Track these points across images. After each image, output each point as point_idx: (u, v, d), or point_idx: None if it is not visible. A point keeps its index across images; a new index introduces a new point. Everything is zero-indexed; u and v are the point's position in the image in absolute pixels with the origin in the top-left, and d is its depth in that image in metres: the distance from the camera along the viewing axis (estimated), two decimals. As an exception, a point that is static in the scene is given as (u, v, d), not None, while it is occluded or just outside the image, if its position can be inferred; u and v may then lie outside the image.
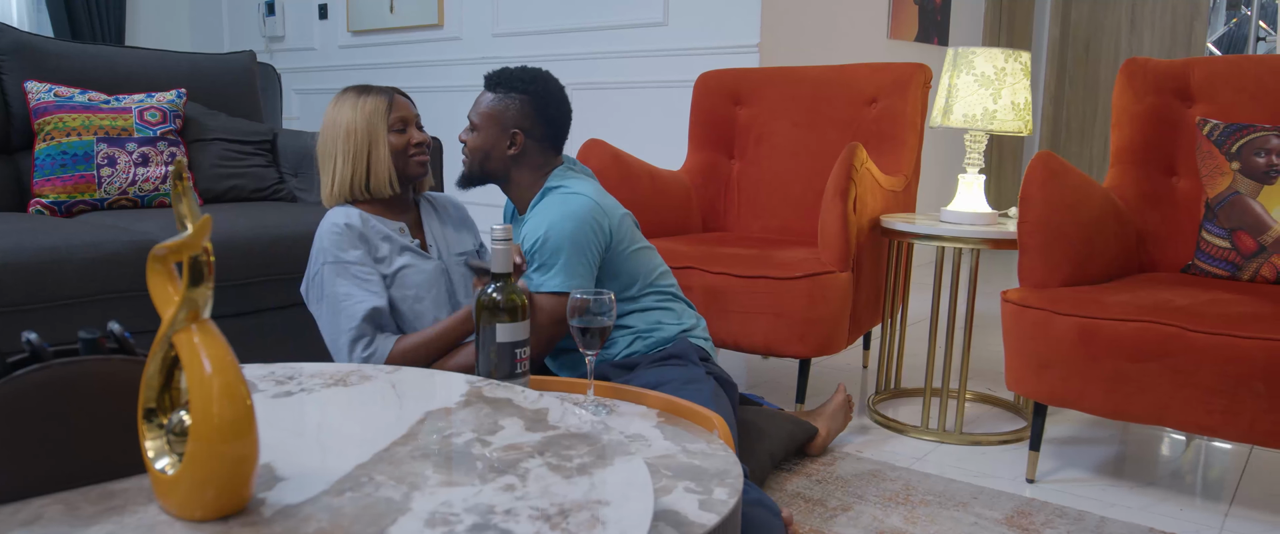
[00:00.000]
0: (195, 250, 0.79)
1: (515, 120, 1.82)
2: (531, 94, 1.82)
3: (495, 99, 1.83)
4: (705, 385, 1.62)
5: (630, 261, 1.83)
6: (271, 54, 5.05)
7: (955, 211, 2.21)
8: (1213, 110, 2.16)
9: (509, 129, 1.82)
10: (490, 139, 1.83)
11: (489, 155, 1.84)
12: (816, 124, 2.72)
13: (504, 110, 1.82)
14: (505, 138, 1.82)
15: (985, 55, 2.14)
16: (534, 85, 1.83)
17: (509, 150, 1.82)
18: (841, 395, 2.13)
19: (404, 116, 1.83)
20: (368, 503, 0.84)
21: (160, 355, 0.84)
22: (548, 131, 1.84)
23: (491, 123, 1.82)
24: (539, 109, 1.83)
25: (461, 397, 1.16)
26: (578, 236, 1.72)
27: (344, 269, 1.72)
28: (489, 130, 1.83)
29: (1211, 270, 2.03)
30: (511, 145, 1.82)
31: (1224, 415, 1.64)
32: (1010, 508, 1.78)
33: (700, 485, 1.12)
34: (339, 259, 1.73)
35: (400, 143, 1.82)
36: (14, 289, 1.82)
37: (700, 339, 1.85)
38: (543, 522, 0.81)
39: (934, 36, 4.42)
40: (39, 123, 2.33)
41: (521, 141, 1.82)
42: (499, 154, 1.83)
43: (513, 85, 1.83)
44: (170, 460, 0.83)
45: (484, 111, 1.83)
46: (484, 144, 1.83)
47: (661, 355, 1.76)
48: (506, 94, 1.82)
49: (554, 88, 1.86)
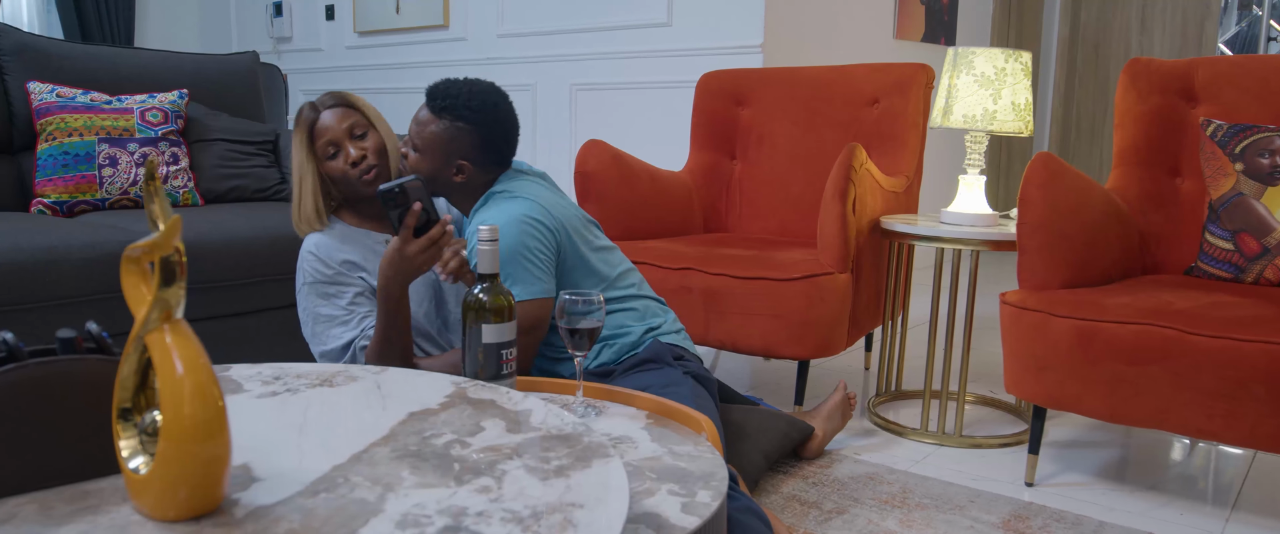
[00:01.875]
0: (167, 250, 0.79)
1: (460, 151, 1.70)
2: (478, 125, 1.70)
3: (440, 126, 1.69)
4: (683, 387, 1.58)
5: (588, 263, 1.75)
6: (279, 55, 5.07)
7: (955, 213, 2.20)
8: (1217, 111, 2.14)
9: (453, 159, 1.71)
10: (434, 166, 1.71)
11: (433, 180, 1.73)
12: (818, 125, 2.71)
13: (449, 139, 1.69)
14: (449, 167, 1.72)
15: (985, 55, 2.12)
16: (481, 114, 1.70)
17: (454, 177, 1.73)
18: (840, 394, 2.10)
19: (330, 139, 1.72)
20: (341, 504, 0.83)
21: (135, 355, 0.84)
22: (493, 159, 1.75)
23: (435, 150, 1.70)
24: (486, 140, 1.71)
25: (445, 398, 1.15)
26: (522, 240, 1.63)
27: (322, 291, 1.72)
28: (432, 157, 1.71)
29: (1215, 272, 2.01)
30: (457, 174, 1.72)
31: (1225, 420, 1.62)
32: (1007, 512, 1.77)
33: (684, 488, 1.11)
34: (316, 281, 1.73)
35: (338, 168, 1.72)
36: (12, 288, 1.83)
37: (671, 336, 1.78)
38: (515, 524, 0.80)
39: (941, 36, 4.40)
40: (41, 123, 2.34)
41: (468, 170, 1.72)
42: (444, 179, 1.73)
43: (459, 113, 1.69)
44: (144, 460, 0.83)
45: (428, 137, 1.70)
46: (426, 170, 1.72)
47: (635, 362, 1.70)
48: (453, 121, 1.69)
49: (503, 114, 1.74)
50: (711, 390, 1.71)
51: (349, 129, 1.74)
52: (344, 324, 1.71)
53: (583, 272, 1.76)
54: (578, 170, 2.45)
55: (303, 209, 1.76)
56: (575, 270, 1.74)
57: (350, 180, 1.73)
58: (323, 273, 1.73)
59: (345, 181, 1.73)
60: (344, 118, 1.74)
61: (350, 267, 1.75)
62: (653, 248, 2.34)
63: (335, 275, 1.73)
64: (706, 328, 2.22)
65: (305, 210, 1.75)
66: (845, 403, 2.10)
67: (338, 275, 1.73)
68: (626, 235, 2.49)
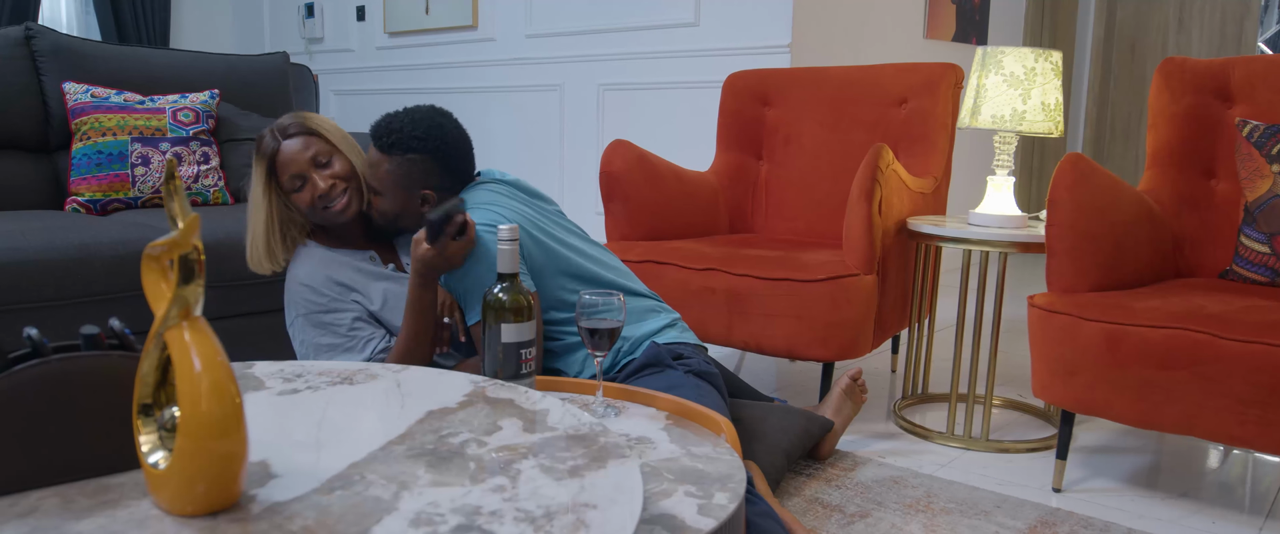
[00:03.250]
0: (185, 248, 0.80)
1: (421, 180, 1.71)
2: (431, 152, 1.70)
3: (394, 164, 1.69)
4: (686, 389, 1.57)
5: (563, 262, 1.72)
6: (311, 55, 5.12)
7: (983, 214, 2.17)
8: (1253, 111, 2.10)
9: (416, 190, 1.71)
10: (399, 203, 1.72)
11: (402, 214, 1.74)
12: (845, 125, 2.69)
13: (407, 174, 1.70)
14: (414, 199, 1.72)
15: (1015, 55, 2.10)
16: (429, 141, 1.69)
17: (422, 208, 1.72)
18: (845, 379, 2.05)
19: (295, 173, 1.69)
20: (356, 502, 0.84)
21: (155, 352, 0.85)
22: (454, 179, 1.74)
23: (395, 188, 1.70)
24: (442, 163, 1.72)
25: (464, 397, 1.16)
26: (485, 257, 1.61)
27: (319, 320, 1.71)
28: (394, 195, 1.71)
29: (1250, 276, 1.97)
30: (424, 204, 1.72)
31: (1257, 426, 1.58)
32: (1034, 518, 1.74)
33: (701, 489, 1.10)
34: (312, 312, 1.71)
35: (305, 199, 1.70)
36: (46, 285, 1.86)
37: (667, 333, 1.76)
38: (527, 523, 0.80)
39: (972, 36, 4.35)
40: (76, 123, 2.38)
41: (433, 199, 1.72)
42: (412, 212, 1.73)
43: (408, 145, 1.68)
44: (163, 456, 0.84)
45: (384, 177, 1.70)
46: (393, 208, 1.73)
47: (635, 367, 1.69)
48: (404, 154, 1.68)
49: (450, 134, 1.72)
50: (717, 384, 1.69)
51: (313, 158, 1.70)
52: (349, 351, 1.70)
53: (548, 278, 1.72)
54: (603, 171, 2.45)
55: (255, 247, 1.70)
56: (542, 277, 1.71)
57: (319, 212, 1.71)
58: (316, 303, 1.70)
59: (314, 211, 1.71)
60: (306, 146, 1.70)
61: (343, 290, 1.73)
62: (677, 248, 2.34)
63: (330, 302, 1.71)
64: (730, 329, 2.21)
65: (257, 249, 1.70)
66: (853, 388, 2.06)
67: (332, 302, 1.71)
68: (652, 236, 2.49)
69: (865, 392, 2.12)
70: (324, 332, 1.71)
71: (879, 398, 2.52)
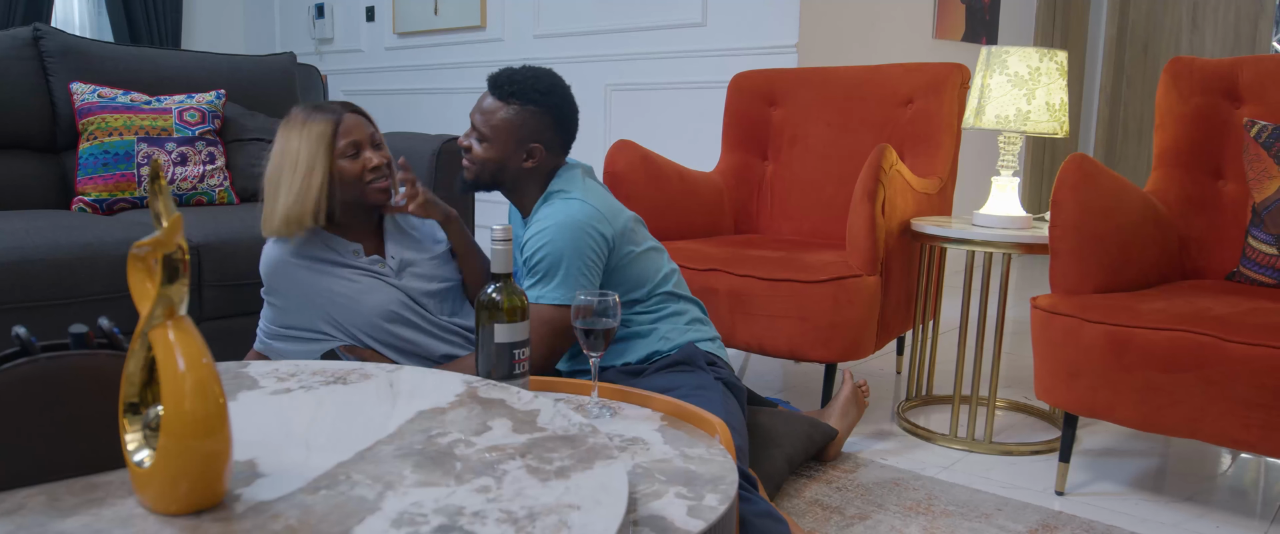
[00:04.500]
0: (169, 248, 0.80)
1: (534, 134, 1.71)
2: (550, 107, 1.72)
3: (512, 111, 1.70)
4: (714, 392, 1.59)
5: (635, 266, 1.77)
6: (321, 56, 5.14)
7: (987, 215, 2.16)
8: (1262, 111, 2.08)
9: (526, 143, 1.71)
10: (504, 152, 1.72)
11: (502, 168, 1.73)
12: (850, 125, 2.68)
13: (521, 124, 1.70)
14: (521, 152, 1.72)
15: (1019, 54, 2.08)
16: (552, 96, 1.72)
17: (525, 163, 1.73)
18: (848, 385, 2.06)
19: (356, 140, 1.71)
20: (340, 501, 0.84)
21: (141, 351, 0.85)
22: (564, 141, 1.77)
23: (507, 136, 1.71)
24: (559, 122, 1.74)
25: (456, 397, 1.16)
26: (578, 245, 1.65)
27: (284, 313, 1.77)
28: (503, 143, 1.71)
29: (1257, 278, 1.95)
30: (528, 158, 1.73)
31: (1262, 430, 1.57)
32: (1035, 521, 1.73)
33: (692, 491, 1.10)
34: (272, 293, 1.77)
35: (354, 169, 1.71)
36: (51, 284, 1.87)
37: (706, 344, 1.80)
38: (509, 524, 0.80)
39: (982, 36, 4.33)
40: (83, 123, 2.40)
41: (539, 154, 1.73)
42: (514, 167, 1.73)
43: (529, 97, 1.70)
44: (148, 454, 0.84)
45: (498, 124, 1.70)
46: (497, 157, 1.72)
47: (668, 362, 1.72)
48: (523, 106, 1.70)
49: (569, 96, 1.77)
50: (741, 399, 1.71)
51: (370, 136, 1.75)
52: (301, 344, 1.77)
53: (630, 275, 1.77)
54: (607, 170, 2.45)
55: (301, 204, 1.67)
56: (625, 275, 1.76)
57: (361, 185, 1.73)
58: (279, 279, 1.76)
59: (355, 184, 1.72)
60: (367, 126, 1.76)
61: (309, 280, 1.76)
62: (680, 248, 2.33)
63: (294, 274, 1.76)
64: (732, 330, 2.20)
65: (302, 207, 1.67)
66: (856, 393, 2.06)
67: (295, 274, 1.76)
68: (656, 236, 2.48)
69: (868, 396, 2.11)
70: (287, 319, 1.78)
71: (883, 399, 2.50)
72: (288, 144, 1.70)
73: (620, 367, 1.75)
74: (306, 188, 1.67)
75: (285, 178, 1.69)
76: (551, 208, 1.71)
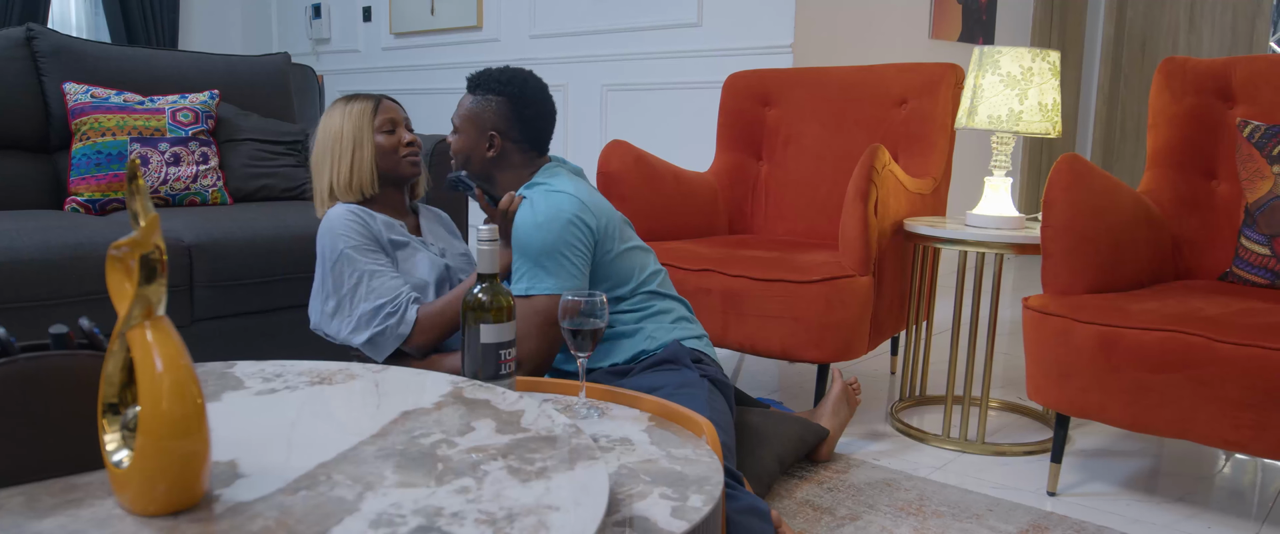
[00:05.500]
0: (147, 248, 0.80)
1: (492, 122, 1.80)
2: (508, 96, 1.80)
3: (474, 101, 1.82)
4: (699, 389, 1.59)
5: (619, 263, 1.79)
6: (318, 56, 5.14)
7: (980, 215, 2.15)
8: (1255, 112, 2.07)
9: (486, 131, 1.81)
10: (470, 142, 1.82)
11: (469, 158, 1.83)
12: (845, 126, 2.68)
13: (481, 112, 1.81)
14: (483, 140, 1.81)
15: (1011, 55, 2.08)
16: (510, 87, 1.80)
17: (488, 152, 1.81)
18: (838, 384, 2.06)
19: (392, 118, 1.90)
20: (319, 502, 0.84)
21: (121, 352, 0.85)
22: (525, 132, 1.82)
23: (470, 125, 1.82)
24: (516, 111, 1.80)
25: (441, 397, 1.16)
26: (563, 235, 1.69)
27: (365, 251, 1.80)
28: (468, 133, 1.82)
29: (1250, 278, 1.95)
30: (490, 148, 1.81)
31: (1252, 430, 1.56)
32: (1026, 522, 1.73)
33: (677, 491, 1.10)
34: (359, 245, 1.80)
35: (390, 143, 1.89)
36: (40, 285, 1.87)
37: (692, 341, 1.80)
38: (487, 525, 0.80)
39: (979, 36, 4.32)
40: (76, 123, 2.40)
41: (499, 144, 1.80)
42: (479, 156, 1.82)
43: (490, 87, 1.81)
44: (126, 455, 0.84)
45: (463, 113, 1.83)
46: (464, 147, 1.83)
47: (652, 361, 1.72)
48: (484, 96, 1.81)
49: (532, 89, 1.83)
50: (728, 397, 1.71)
51: (405, 120, 1.96)
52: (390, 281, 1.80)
53: (615, 272, 1.79)
54: (601, 171, 2.45)
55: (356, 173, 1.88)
56: (609, 271, 1.79)
57: (396, 157, 1.91)
58: (363, 235, 1.82)
59: (391, 155, 1.90)
60: (402, 111, 1.97)
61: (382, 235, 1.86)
62: (674, 249, 2.33)
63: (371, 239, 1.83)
64: (725, 330, 2.20)
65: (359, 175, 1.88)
66: (847, 392, 2.06)
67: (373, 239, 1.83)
68: (650, 236, 2.48)
69: (859, 394, 2.11)
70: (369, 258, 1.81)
71: (877, 399, 2.50)
72: (330, 124, 1.89)
73: (608, 367, 1.74)
74: (359, 160, 1.88)
75: (330, 154, 1.89)
76: (536, 199, 1.75)
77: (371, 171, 1.89)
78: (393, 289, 1.79)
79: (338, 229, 1.81)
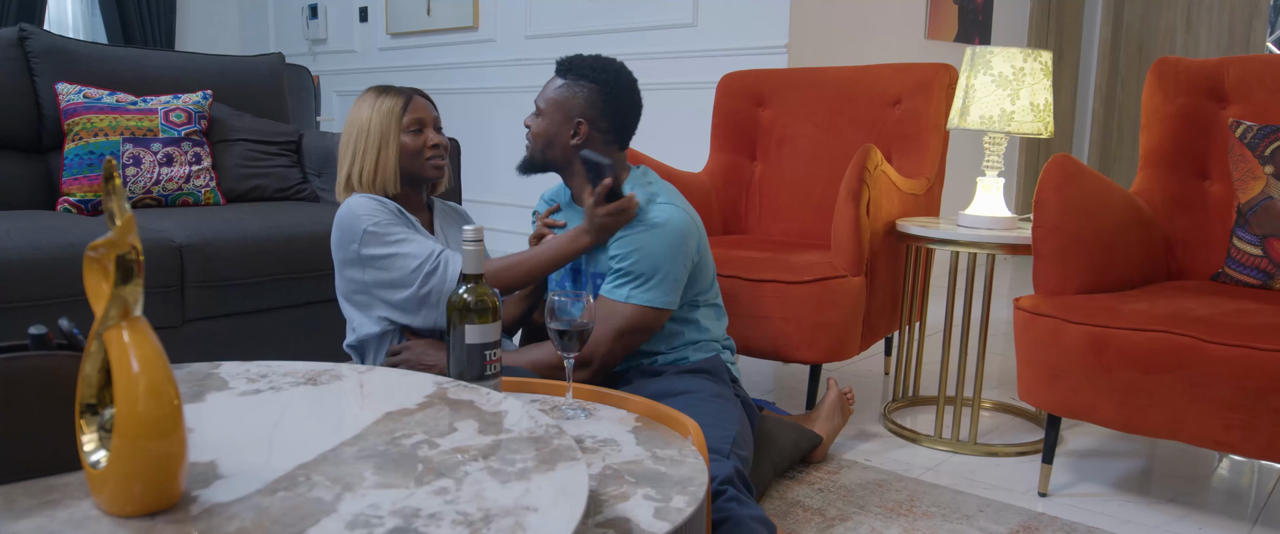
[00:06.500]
0: (123, 248, 0.80)
1: (581, 109, 1.76)
2: (601, 83, 1.77)
3: (564, 85, 1.78)
4: (733, 404, 1.63)
5: (696, 274, 1.80)
6: (314, 56, 5.14)
7: (973, 215, 2.15)
8: (1247, 112, 2.07)
9: (573, 118, 1.77)
10: (554, 126, 1.77)
11: (551, 143, 1.78)
12: (839, 126, 2.67)
13: (571, 98, 1.77)
14: (569, 126, 1.77)
15: (1003, 55, 2.08)
16: (605, 75, 1.77)
17: (572, 139, 1.77)
18: (833, 391, 2.06)
19: (420, 118, 1.84)
20: (296, 503, 0.83)
21: (98, 353, 0.85)
22: (613, 124, 1.79)
23: (557, 109, 1.77)
24: (607, 100, 1.77)
25: (425, 398, 1.15)
26: (677, 254, 1.70)
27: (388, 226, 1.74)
28: (554, 116, 1.77)
29: (1242, 279, 1.95)
30: (575, 134, 1.77)
31: (1242, 431, 1.56)
32: (1016, 522, 1.73)
33: (660, 493, 1.09)
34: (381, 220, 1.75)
35: (416, 144, 1.83)
36: (31, 285, 1.87)
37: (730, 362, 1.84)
38: (464, 526, 0.79)
39: (975, 37, 4.32)
40: (68, 123, 2.39)
41: (585, 131, 1.77)
42: (562, 142, 1.78)
43: (583, 73, 1.77)
44: (104, 456, 0.84)
45: (551, 97, 1.78)
46: (547, 130, 1.78)
47: (692, 368, 1.75)
48: (576, 81, 1.77)
49: (625, 80, 1.80)
50: (753, 420, 1.75)
51: (435, 119, 1.88)
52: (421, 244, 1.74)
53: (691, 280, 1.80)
54: (593, 171, 2.45)
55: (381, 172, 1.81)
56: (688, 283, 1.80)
57: (420, 159, 1.84)
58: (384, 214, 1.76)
59: (415, 157, 1.83)
60: (432, 109, 1.89)
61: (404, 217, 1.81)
62: (666, 249, 2.33)
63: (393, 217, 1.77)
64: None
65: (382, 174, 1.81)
66: (841, 399, 2.07)
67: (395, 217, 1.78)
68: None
69: (853, 403, 2.12)
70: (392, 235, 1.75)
71: (870, 400, 2.50)
72: (359, 114, 1.83)
73: (645, 365, 1.78)
74: (384, 159, 1.81)
75: (356, 145, 1.82)
76: (657, 208, 1.73)
77: (395, 171, 1.82)
78: (425, 249, 1.73)
79: (357, 211, 1.76)
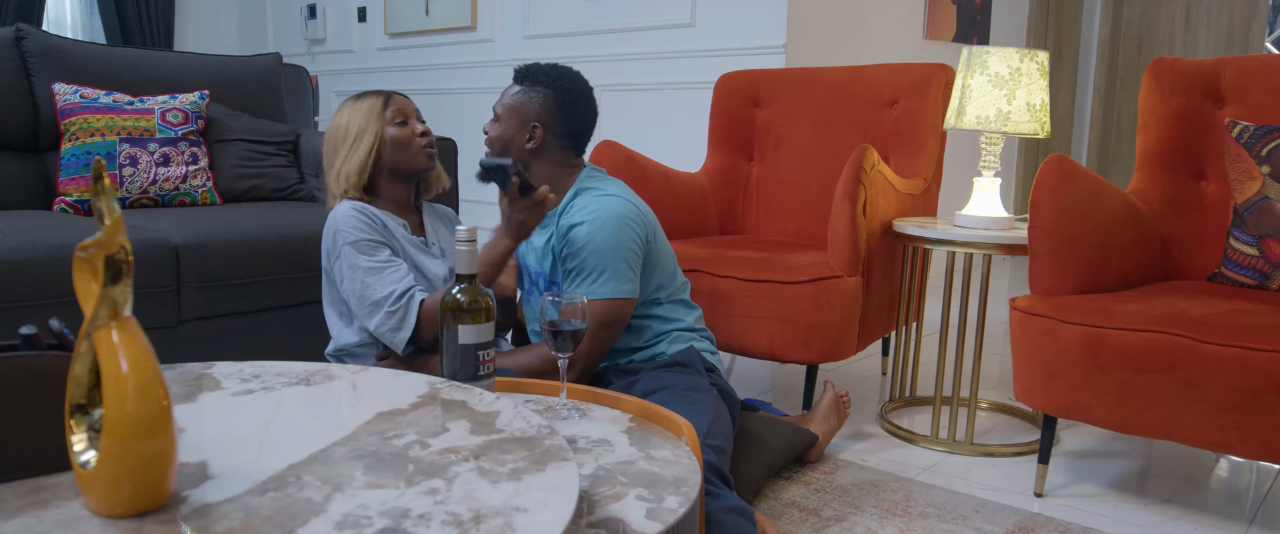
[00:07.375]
0: (112, 249, 0.80)
1: (536, 114, 1.80)
2: (556, 90, 1.81)
3: (520, 91, 1.82)
4: (707, 395, 1.62)
5: (652, 265, 1.81)
6: (313, 56, 5.14)
7: (969, 216, 2.15)
8: (1243, 112, 2.07)
9: (529, 123, 1.80)
10: (510, 131, 1.81)
11: (507, 148, 1.82)
12: (836, 126, 2.67)
13: (526, 103, 1.81)
14: (525, 131, 1.80)
15: (1000, 55, 2.08)
16: (559, 82, 1.82)
17: (527, 144, 1.81)
18: (830, 394, 2.07)
19: (403, 109, 1.87)
20: (285, 504, 0.83)
21: (88, 353, 0.85)
22: (568, 129, 1.82)
23: (513, 115, 1.81)
24: (562, 106, 1.81)
25: (417, 398, 1.15)
26: (621, 239, 1.71)
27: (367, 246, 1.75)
28: (510, 122, 1.81)
29: (1238, 279, 1.95)
30: (530, 139, 1.80)
31: (1238, 431, 1.56)
32: (1012, 523, 1.72)
33: (653, 493, 1.09)
34: (359, 239, 1.75)
35: (404, 135, 1.85)
36: (27, 284, 1.87)
37: (709, 356, 1.83)
38: (453, 527, 0.79)
39: (973, 37, 4.32)
40: (65, 123, 2.39)
41: (541, 136, 1.80)
42: (517, 147, 1.81)
43: (538, 79, 1.82)
44: (93, 456, 0.84)
45: (507, 103, 1.83)
46: (503, 135, 1.82)
47: (667, 362, 1.75)
48: (531, 88, 1.81)
49: (580, 87, 1.84)
50: (733, 407, 1.74)
51: (417, 113, 1.92)
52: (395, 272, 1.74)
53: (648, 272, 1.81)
54: (590, 171, 2.45)
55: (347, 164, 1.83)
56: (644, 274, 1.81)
57: (410, 149, 1.85)
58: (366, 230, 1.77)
59: (406, 146, 1.84)
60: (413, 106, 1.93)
61: (387, 232, 1.81)
62: (662, 249, 2.33)
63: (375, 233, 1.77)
64: (713, 331, 2.19)
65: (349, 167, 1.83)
66: (838, 402, 2.07)
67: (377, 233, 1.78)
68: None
69: (849, 406, 2.12)
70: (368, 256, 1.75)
71: (867, 401, 2.50)
72: (340, 119, 1.86)
73: (623, 364, 1.79)
74: (370, 151, 1.83)
75: (340, 148, 1.84)
76: (587, 203, 1.76)
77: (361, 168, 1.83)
78: (396, 280, 1.73)
79: (340, 224, 1.76)
